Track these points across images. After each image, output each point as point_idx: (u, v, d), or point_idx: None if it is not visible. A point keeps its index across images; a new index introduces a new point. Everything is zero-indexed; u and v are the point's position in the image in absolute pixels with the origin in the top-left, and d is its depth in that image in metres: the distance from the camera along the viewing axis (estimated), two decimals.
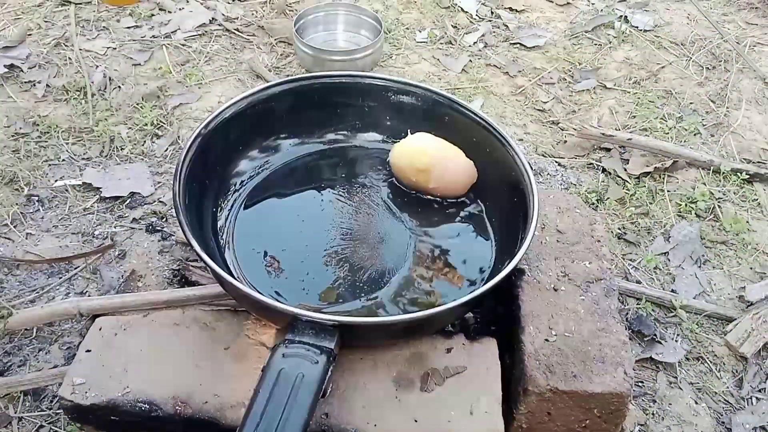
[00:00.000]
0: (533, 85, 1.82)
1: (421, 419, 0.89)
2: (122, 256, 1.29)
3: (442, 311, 0.90)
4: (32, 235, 1.35)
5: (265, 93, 1.15)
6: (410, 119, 1.20)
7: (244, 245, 1.06)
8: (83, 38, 1.85)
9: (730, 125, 1.72)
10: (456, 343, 0.98)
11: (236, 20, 1.96)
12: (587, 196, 1.51)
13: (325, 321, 0.84)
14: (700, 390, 1.20)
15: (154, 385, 0.91)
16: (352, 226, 1.11)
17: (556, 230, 1.14)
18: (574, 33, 2.01)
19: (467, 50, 1.92)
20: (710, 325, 1.29)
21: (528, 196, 1.02)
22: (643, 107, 1.76)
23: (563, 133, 1.68)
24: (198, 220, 1.02)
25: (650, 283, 1.35)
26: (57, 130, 1.57)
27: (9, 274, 1.28)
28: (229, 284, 0.88)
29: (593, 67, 1.89)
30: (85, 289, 1.26)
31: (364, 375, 0.94)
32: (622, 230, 1.45)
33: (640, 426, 1.14)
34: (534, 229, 0.96)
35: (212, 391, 0.91)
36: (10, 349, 1.17)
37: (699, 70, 1.90)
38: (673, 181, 1.57)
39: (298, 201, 1.15)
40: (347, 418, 0.89)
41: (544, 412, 0.97)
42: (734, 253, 1.43)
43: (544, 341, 0.98)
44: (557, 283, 1.06)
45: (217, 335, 0.98)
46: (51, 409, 1.11)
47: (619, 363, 0.96)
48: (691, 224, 1.46)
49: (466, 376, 0.94)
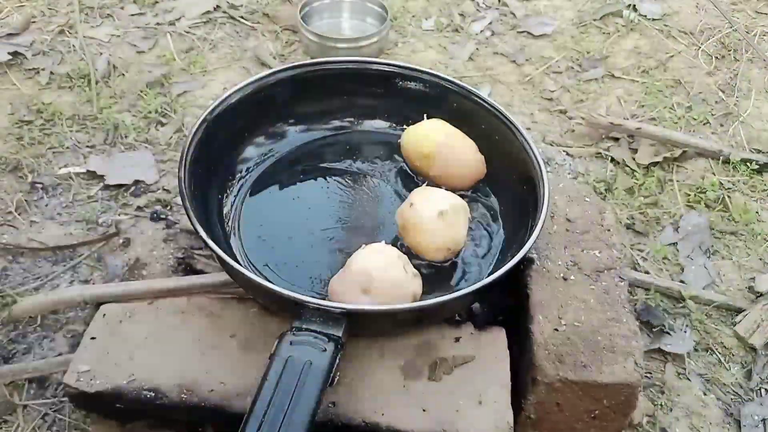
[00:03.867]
0: (541, 74, 1.80)
1: (430, 408, 0.89)
2: (126, 243, 1.28)
3: (450, 299, 0.90)
4: (36, 223, 1.35)
5: (271, 79, 1.14)
6: (417, 106, 1.18)
7: (250, 232, 1.05)
8: (87, 25, 1.83)
9: (739, 115, 1.70)
10: (464, 332, 0.97)
11: (241, 7, 1.95)
12: (595, 185, 1.49)
13: (332, 308, 0.83)
14: (709, 381, 1.19)
15: (160, 372, 0.90)
16: (359, 213, 1.10)
17: (565, 219, 1.12)
18: (582, 21, 1.99)
19: (474, 38, 1.90)
20: (719, 316, 1.28)
21: (538, 184, 1.01)
22: (652, 96, 1.74)
23: (571, 122, 1.67)
24: (203, 206, 1.01)
25: (659, 274, 1.34)
26: (61, 118, 1.56)
27: (13, 262, 1.27)
28: (235, 271, 0.88)
29: (601, 55, 1.87)
30: (89, 276, 1.25)
31: (372, 364, 0.93)
32: (630, 220, 1.44)
33: (648, 417, 1.13)
34: (544, 218, 0.95)
35: (218, 379, 0.90)
36: (15, 337, 1.16)
37: (708, 60, 1.88)
38: (682, 171, 1.55)
39: (304, 188, 1.14)
40: (355, 407, 0.88)
41: (553, 402, 0.96)
42: (744, 243, 1.41)
43: (554, 331, 0.97)
44: (567, 272, 1.04)
45: (223, 323, 0.97)
46: (56, 397, 1.10)
47: (630, 353, 0.95)
48: (701, 214, 1.45)
49: (474, 365, 0.94)
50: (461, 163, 1.12)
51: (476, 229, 1.09)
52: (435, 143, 1.10)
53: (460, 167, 1.12)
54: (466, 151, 1.12)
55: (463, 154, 1.12)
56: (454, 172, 1.12)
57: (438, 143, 1.10)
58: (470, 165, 1.12)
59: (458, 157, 1.12)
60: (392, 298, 0.89)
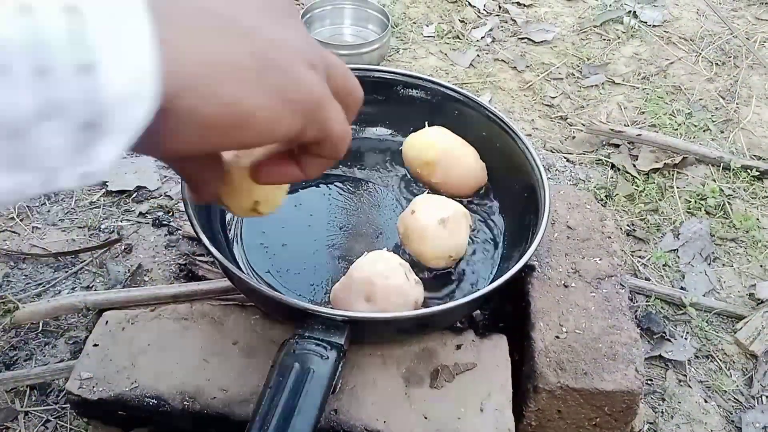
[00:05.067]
0: (541, 81, 1.81)
1: (431, 416, 0.89)
2: (129, 250, 1.29)
3: (452, 307, 0.90)
4: (38, 229, 1.35)
5: None
6: (419, 113, 1.18)
7: (252, 239, 1.05)
8: None
9: (740, 121, 1.71)
10: (466, 339, 0.97)
11: None
12: (596, 192, 1.50)
13: (335, 316, 0.83)
14: (710, 388, 1.19)
15: (162, 379, 0.91)
16: (360, 220, 1.10)
17: (566, 226, 1.13)
18: (583, 28, 1.99)
19: (475, 45, 1.91)
20: (720, 323, 1.28)
21: (539, 191, 1.01)
22: (652, 103, 1.74)
23: (571, 128, 1.67)
24: (206, 213, 1.01)
25: (659, 281, 1.34)
26: None
27: (15, 268, 1.28)
28: (238, 279, 0.88)
29: (602, 62, 1.87)
30: (91, 283, 1.25)
31: (374, 371, 0.93)
32: (631, 227, 1.44)
33: (649, 424, 1.13)
34: (545, 225, 0.95)
35: (221, 386, 0.90)
36: (16, 343, 1.17)
37: (708, 66, 1.88)
38: (682, 178, 1.56)
39: (305, 195, 1.14)
40: (356, 414, 0.88)
41: (554, 409, 0.96)
42: (744, 250, 1.41)
43: (555, 338, 0.97)
44: (567, 279, 1.05)
45: (226, 330, 0.97)
46: (57, 404, 1.10)
47: (631, 360, 0.95)
48: (701, 221, 1.45)
49: (476, 372, 0.94)
50: (463, 170, 1.12)
51: (478, 237, 1.09)
52: (436, 150, 1.10)
53: (462, 174, 1.12)
54: (467, 158, 1.12)
55: (464, 162, 1.12)
56: (455, 179, 1.12)
57: (439, 150, 1.10)
58: (472, 172, 1.12)
59: (460, 164, 1.12)
60: (394, 306, 0.89)
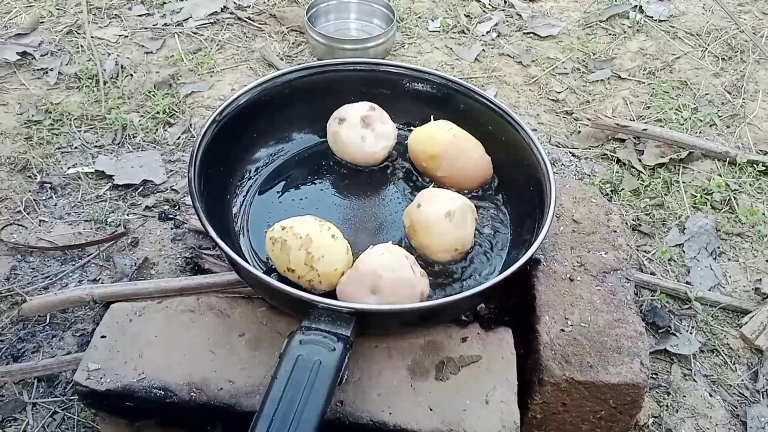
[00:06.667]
0: (547, 75, 1.81)
1: (436, 408, 0.89)
2: (135, 243, 1.29)
3: (457, 300, 0.90)
4: (45, 222, 1.36)
5: (279, 80, 1.14)
6: (424, 107, 1.19)
7: (259, 232, 1.05)
8: (95, 26, 1.84)
9: (746, 116, 1.71)
10: (471, 332, 0.98)
11: (248, 8, 1.95)
12: (602, 186, 1.50)
13: (341, 308, 0.83)
14: (715, 382, 1.19)
15: (169, 371, 0.91)
16: (366, 213, 1.10)
17: (572, 220, 1.13)
18: (588, 23, 1.99)
19: (480, 39, 1.91)
20: (725, 318, 1.28)
21: (545, 185, 1.02)
22: (658, 98, 1.74)
23: (577, 123, 1.67)
24: (212, 206, 1.01)
25: (665, 275, 1.34)
26: (69, 118, 1.57)
27: (22, 261, 1.28)
28: (245, 271, 0.88)
29: (607, 57, 1.87)
30: (98, 276, 1.26)
31: (379, 363, 0.93)
32: (636, 221, 1.44)
33: (654, 418, 1.13)
34: (551, 219, 0.96)
35: (227, 377, 0.90)
36: (24, 336, 1.17)
37: (715, 61, 1.88)
38: (688, 173, 1.55)
39: (311, 188, 1.14)
40: (362, 405, 0.89)
41: (559, 402, 0.96)
42: (750, 245, 1.41)
43: (560, 331, 0.97)
44: (573, 273, 1.05)
45: (232, 322, 0.97)
46: (65, 396, 1.11)
47: (636, 354, 0.95)
48: (707, 216, 1.45)
49: (481, 365, 0.94)
50: (468, 164, 1.12)
51: (483, 230, 1.09)
52: (442, 144, 1.10)
53: (467, 168, 1.12)
54: (472, 152, 1.12)
55: (469, 155, 1.12)
56: (461, 172, 1.12)
57: (445, 144, 1.10)
58: (477, 166, 1.13)
59: (465, 158, 1.12)
60: (400, 298, 0.89)
